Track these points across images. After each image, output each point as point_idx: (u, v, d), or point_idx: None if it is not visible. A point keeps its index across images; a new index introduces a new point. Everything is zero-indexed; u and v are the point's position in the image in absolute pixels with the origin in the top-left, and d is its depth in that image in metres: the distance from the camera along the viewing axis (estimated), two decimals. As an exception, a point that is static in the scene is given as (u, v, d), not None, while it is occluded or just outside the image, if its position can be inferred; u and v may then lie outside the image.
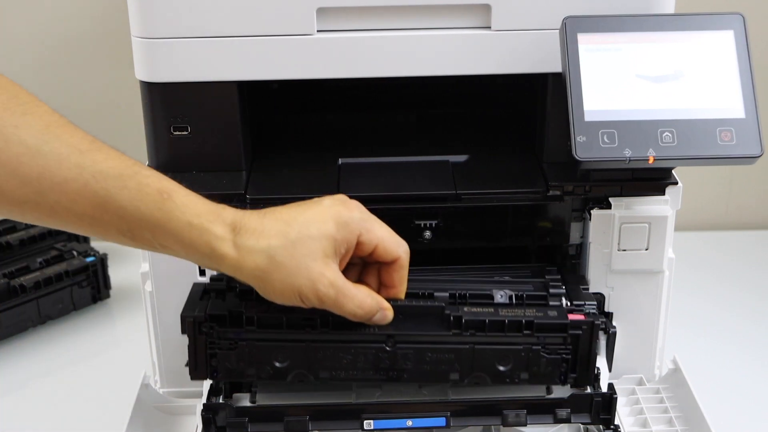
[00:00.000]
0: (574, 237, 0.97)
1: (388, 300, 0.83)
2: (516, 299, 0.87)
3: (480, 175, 0.98)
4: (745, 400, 1.06)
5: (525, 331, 0.84)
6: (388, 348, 0.84)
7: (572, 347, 0.85)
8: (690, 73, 0.86)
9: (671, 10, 0.91)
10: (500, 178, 0.97)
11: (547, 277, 0.93)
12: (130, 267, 1.30)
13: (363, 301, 0.80)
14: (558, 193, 0.94)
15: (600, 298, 0.96)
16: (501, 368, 0.85)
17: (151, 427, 0.94)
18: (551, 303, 0.87)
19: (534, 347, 0.84)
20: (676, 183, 0.93)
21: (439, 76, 0.93)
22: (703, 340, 1.17)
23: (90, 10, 1.36)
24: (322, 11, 0.90)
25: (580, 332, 0.85)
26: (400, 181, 0.97)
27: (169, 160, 0.96)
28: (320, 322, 0.83)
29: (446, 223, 0.95)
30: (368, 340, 0.84)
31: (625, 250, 0.94)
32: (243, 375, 0.86)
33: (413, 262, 0.96)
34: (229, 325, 0.84)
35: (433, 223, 0.95)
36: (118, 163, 0.76)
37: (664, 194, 0.93)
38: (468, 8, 0.91)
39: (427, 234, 0.95)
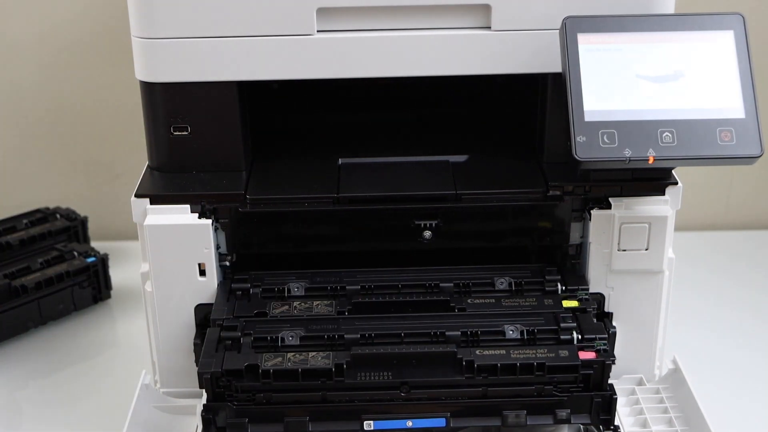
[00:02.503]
0: (574, 237, 0.97)
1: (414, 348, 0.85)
2: (527, 335, 0.88)
3: (480, 176, 0.98)
4: (745, 400, 1.06)
5: (537, 372, 0.85)
6: (402, 394, 0.85)
7: (584, 386, 0.86)
8: (690, 73, 0.86)
9: (671, 10, 0.91)
10: (500, 178, 0.97)
11: (558, 312, 0.92)
12: (130, 267, 1.30)
13: None
14: (558, 193, 0.94)
15: (600, 298, 0.96)
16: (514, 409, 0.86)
17: (151, 427, 0.94)
18: (562, 337, 0.88)
19: (546, 387, 0.85)
20: (676, 183, 0.93)
21: (439, 76, 0.93)
22: (703, 340, 1.17)
23: (90, 10, 1.36)
24: (322, 11, 0.90)
25: (592, 371, 0.86)
26: (400, 181, 0.97)
27: (169, 160, 0.96)
28: (335, 372, 0.84)
29: (446, 223, 0.95)
30: (383, 387, 0.85)
31: (625, 250, 0.94)
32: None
33: (413, 262, 0.97)
34: (245, 379, 0.85)
35: (433, 223, 0.95)
36: None
37: (664, 194, 0.93)
38: (468, 8, 0.91)
39: (427, 234, 0.95)
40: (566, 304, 0.92)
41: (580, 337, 0.88)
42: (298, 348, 0.87)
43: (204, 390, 0.85)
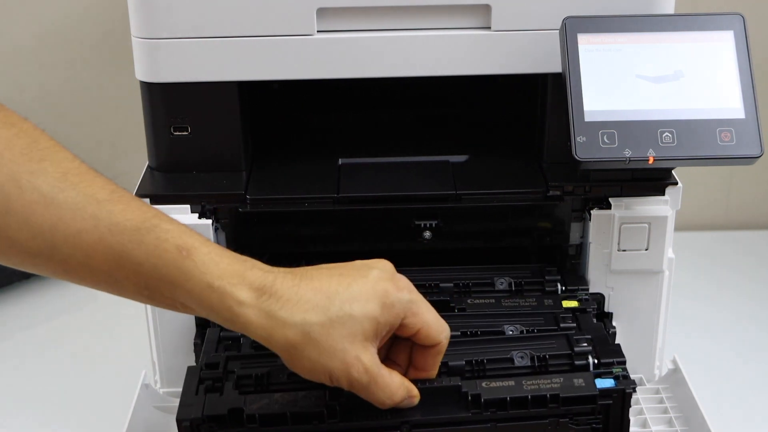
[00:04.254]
0: (574, 237, 0.97)
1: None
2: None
3: (480, 176, 0.98)
4: (745, 400, 1.06)
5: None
6: None
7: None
8: (690, 73, 0.86)
9: (671, 10, 0.91)
10: (500, 179, 0.97)
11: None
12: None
13: (395, 392, 0.74)
14: (558, 193, 0.94)
15: (600, 298, 0.96)
16: None
17: (151, 427, 0.94)
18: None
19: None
20: (676, 183, 0.93)
21: (439, 77, 0.93)
22: (703, 340, 1.17)
23: (90, 10, 1.36)
24: (322, 11, 0.90)
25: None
26: (400, 181, 0.97)
27: (170, 160, 0.96)
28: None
29: (446, 224, 0.95)
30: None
31: (625, 251, 0.94)
32: None
33: (413, 262, 0.97)
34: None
35: (433, 223, 0.95)
36: (136, 215, 0.70)
37: (663, 194, 0.93)
38: (468, 8, 0.91)
39: (427, 234, 0.95)
40: (566, 304, 0.92)
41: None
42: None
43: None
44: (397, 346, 0.79)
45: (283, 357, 0.72)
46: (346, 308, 0.71)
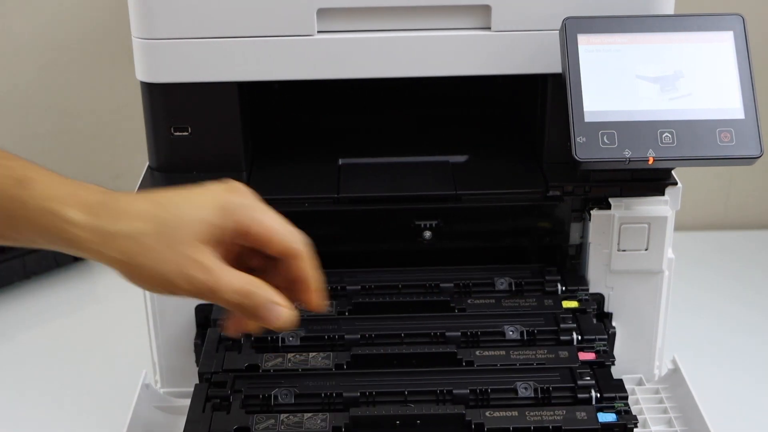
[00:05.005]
0: (574, 237, 0.97)
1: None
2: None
3: (480, 176, 0.98)
4: (744, 400, 1.06)
5: None
6: None
7: None
8: (690, 73, 0.86)
9: (671, 11, 0.91)
10: (500, 179, 0.97)
11: (558, 312, 0.89)
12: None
13: (243, 286, 0.69)
14: (558, 193, 0.94)
15: (600, 299, 0.96)
16: None
17: (151, 427, 0.94)
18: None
19: None
20: (676, 183, 0.93)
21: (439, 77, 0.93)
22: (703, 340, 1.17)
23: (90, 10, 1.36)
24: (322, 12, 0.90)
25: None
26: (400, 182, 0.97)
27: (170, 160, 0.96)
28: None
29: (446, 224, 0.95)
30: None
31: (624, 251, 0.94)
32: None
33: (414, 262, 0.97)
34: None
35: (433, 223, 0.95)
36: None
37: (663, 195, 0.93)
38: (468, 9, 0.91)
39: (427, 234, 0.95)
40: (566, 304, 0.93)
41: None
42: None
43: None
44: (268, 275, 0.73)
45: (121, 273, 0.69)
46: (177, 212, 0.68)
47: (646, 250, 0.94)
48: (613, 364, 0.86)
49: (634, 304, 0.97)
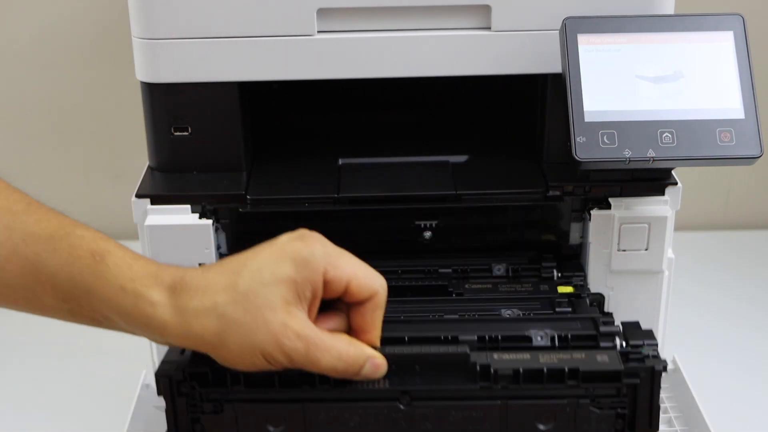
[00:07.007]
0: (574, 237, 0.97)
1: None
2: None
3: (480, 176, 0.98)
4: (744, 400, 1.06)
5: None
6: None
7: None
8: (690, 73, 0.86)
9: (671, 11, 0.91)
10: (500, 179, 0.97)
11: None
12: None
13: (343, 351, 0.66)
14: (558, 193, 0.94)
15: (600, 299, 0.96)
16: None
17: (151, 427, 0.94)
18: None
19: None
20: (676, 183, 0.93)
21: (439, 77, 0.93)
22: (703, 340, 1.18)
23: (90, 10, 1.36)
24: (322, 12, 0.90)
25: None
26: (400, 181, 0.97)
27: (170, 160, 0.96)
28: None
29: (446, 224, 0.95)
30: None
31: (624, 251, 0.94)
32: None
33: (413, 260, 0.97)
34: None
35: (433, 223, 0.95)
36: (51, 224, 0.67)
37: (663, 194, 0.93)
38: (468, 9, 0.91)
39: (427, 234, 0.95)
40: (561, 289, 0.93)
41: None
42: None
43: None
44: (334, 318, 0.71)
45: (211, 353, 0.66)
46: (255, 277, 0.65)
47: (646, 250, 0.94)
48: None
49: (634, 304, 0.97)
